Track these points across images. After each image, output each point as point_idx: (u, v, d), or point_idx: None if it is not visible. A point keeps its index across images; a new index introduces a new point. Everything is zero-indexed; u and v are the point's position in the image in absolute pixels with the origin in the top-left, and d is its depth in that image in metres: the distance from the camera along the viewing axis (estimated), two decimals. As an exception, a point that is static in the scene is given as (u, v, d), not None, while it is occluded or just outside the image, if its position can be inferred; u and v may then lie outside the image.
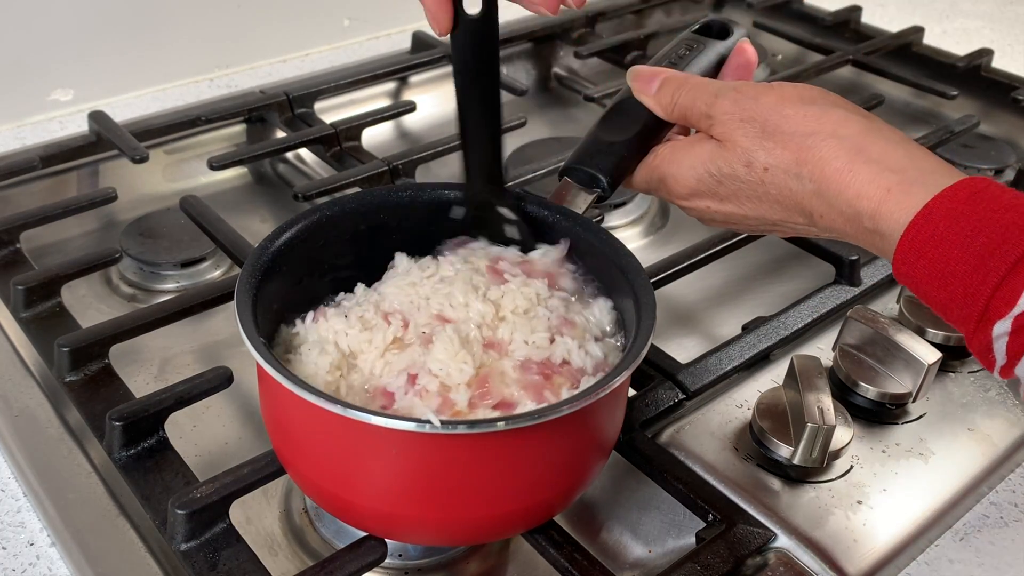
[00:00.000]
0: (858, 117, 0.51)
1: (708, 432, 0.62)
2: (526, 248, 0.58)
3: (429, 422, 0.43)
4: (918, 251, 0.46)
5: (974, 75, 1.09)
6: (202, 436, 0.66)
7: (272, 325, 0.54)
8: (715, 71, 0.60)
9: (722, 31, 0.62)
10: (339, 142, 0.92)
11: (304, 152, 0.97)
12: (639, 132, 0.57)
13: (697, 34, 0.62)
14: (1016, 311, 0.43)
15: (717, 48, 0.61)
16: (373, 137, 0.98)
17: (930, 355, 0.62)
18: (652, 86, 0.56)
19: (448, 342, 0.50)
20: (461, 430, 0.44)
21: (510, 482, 0.48)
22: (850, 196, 0.49)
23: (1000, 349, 0.45)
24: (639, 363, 0.48)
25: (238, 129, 0.97)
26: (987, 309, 0.44)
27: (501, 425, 0.44)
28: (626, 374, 0.47)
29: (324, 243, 0.57)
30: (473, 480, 0.47)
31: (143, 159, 0.84)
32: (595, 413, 0.49)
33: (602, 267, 0.57)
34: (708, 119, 0.54)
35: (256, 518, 0.60)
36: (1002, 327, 0.44)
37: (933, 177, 0.47)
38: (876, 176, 0.48)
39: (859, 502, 0.58)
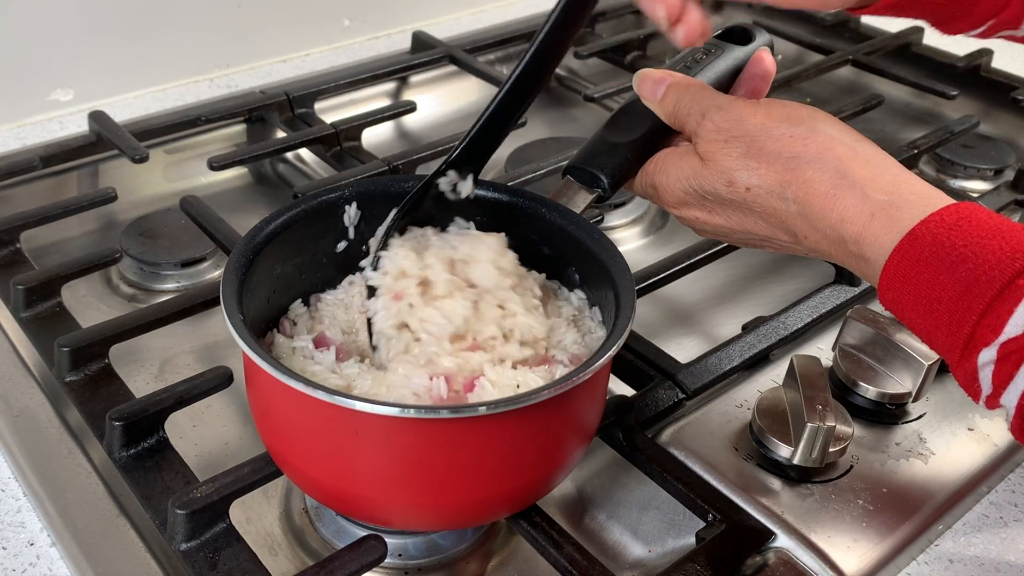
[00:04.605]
0: (845, 139, 0.50)
1: (708, 432, 0.62)
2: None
3: (412, 407, 0.44)
4: (903, 277, 0.46)
5: (974, 75, 1.09)
6: (202, 436, 0.66)
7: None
8: (732, 77, 0.59)
9: (745, 37, 0.60)
10: (339, 142, 0.92)
11: (304, 152, 0.97)
12: (644, 135, 0.56)
13: (720, 39, 0.60)
14: (1002, 339, 0.43)
15: (736, 54, 0.59)
16: (373, 137, 0.98)
17: (930, 355, 0.62)
18: (658, 91, 0.55)
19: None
20: (444, 415, 0.45)
21: (494, 465, 0.48)
22: (833, 220, 0.48)
23: (986, 378, 0.44)
24: (617, 350, 0.48)
25: (238, 129, 0.97)
26: (972, 337, 0.44)
27: (483, 410, 0.45)
28: (604, 360, 0.47)
29: (324, 229, 0.57)
30: (457, 463, 0.48)
31: (143, 159, 0.84)
32: (576, 399, 0.50)
33: (582, 258, 0.57)
34: (695, 136, 0.53)
35: (256, 518, 0.60)
36: (988, 355, 0.44)
37: (919, 202, 0.47)
38: (860, 201, 0.48)
39: (859, 502, 0.58)
